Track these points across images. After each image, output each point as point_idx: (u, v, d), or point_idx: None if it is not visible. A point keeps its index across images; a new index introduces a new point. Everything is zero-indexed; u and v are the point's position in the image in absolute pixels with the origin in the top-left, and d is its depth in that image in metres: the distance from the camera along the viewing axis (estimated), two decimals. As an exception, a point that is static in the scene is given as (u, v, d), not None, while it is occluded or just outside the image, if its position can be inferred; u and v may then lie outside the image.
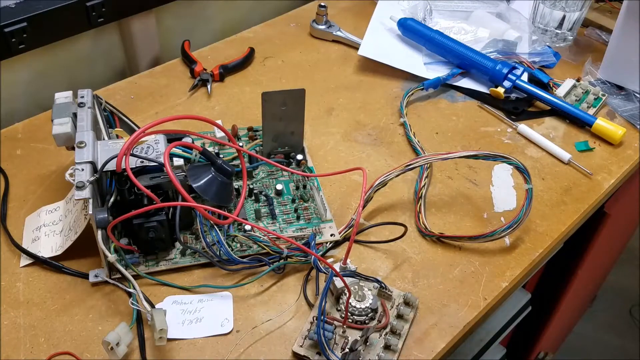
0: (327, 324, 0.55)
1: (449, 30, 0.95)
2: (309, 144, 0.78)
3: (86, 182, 0.55)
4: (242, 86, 0.89)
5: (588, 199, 0.74)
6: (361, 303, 0.57)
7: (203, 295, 0.60)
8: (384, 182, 0.67)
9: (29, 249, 0.63)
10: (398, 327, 0.56)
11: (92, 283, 0.61)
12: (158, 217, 0.59)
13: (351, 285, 0.57)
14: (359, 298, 0.58)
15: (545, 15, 0.96)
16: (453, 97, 0.89)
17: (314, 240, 0.63)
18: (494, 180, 0.75)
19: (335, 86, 0.90)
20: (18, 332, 0.57)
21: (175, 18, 0.97)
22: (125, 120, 0.75)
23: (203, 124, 0.77)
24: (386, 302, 0.59)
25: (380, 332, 0.56)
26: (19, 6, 0.77)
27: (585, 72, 0.92)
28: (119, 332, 0.53)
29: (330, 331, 0.55)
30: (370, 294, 0.58)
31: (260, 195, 0.69)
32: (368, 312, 0.57)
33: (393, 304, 0.59)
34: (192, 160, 0.64)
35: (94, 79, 0.91)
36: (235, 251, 0.63)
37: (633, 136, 0.83)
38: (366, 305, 0.57)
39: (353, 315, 0.57)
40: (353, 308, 0.57)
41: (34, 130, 0.79)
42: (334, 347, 0.55)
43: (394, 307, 0.59)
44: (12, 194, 0.70)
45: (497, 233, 0.65)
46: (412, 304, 0.59)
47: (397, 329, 0.56)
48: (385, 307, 0.58)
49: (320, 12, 0.98)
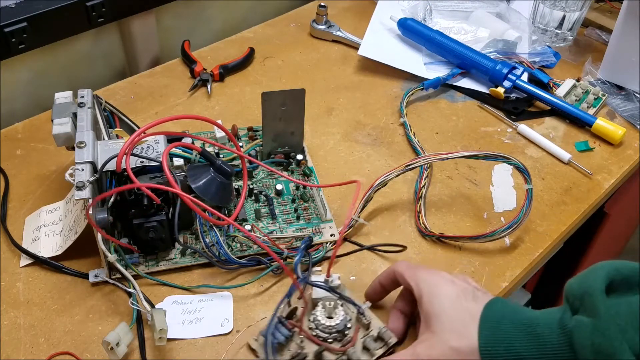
0: (285, 328, 0.54)
1: (449, 30, 0.95)
2: (309, 144, 0.78)
3: (86, 182, 0.55)
4: (242, 86, 0.89)
5: (588, 199, 0.74)
6: (327, 320, 0.54)
7: (203, 295, 0.60)
8: (384, 182, 0.67)
9: (29, 249, 0.63)
10: (355, 356, 0.53)
11: (92, 283, 0.61)
12: (158, 217, 0.59)
13: (328, 300, 0.55)
14: (328, 314, 0.55)
15: (545, 15, 0.96)
16: (453, 97, 0.89)
17: (307, 243, 0.62)
18: (494, 180, 0.75)
19: (335, 86, 0.90)
20: (18, 332, 0.57)
21: (175, 18, 0.97)
22: (125, 120, 0.75)
23: (203, 124, 0.77)
24: (362, 330, 0.56)
25: (339, 356, 0.53)
26: (19, 6, 0.77)
27: (585, 72, 0.92)
28: (119, 332, 0.53)
29: (284, 335, 0.53)
30: (342, 314, 0.54)
31: (260, 195, 0.69)
32: (332, 331, 0.54)
33: (368, 334, 0.55)
34: (192, 160, 0.64)
35: (94, 79, 0.91)
36: (235, 251, 0.63)
37: (633, 136, 0.83)
38: (330, 323, 0.54)
39: (317, 329, 0.54)
40: (317, 322, 0.54)
41: (34, 130, 0.79)
42: (284, 352, 0.54)
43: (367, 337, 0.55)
44: (12, 194, 0.70)
45: (497, 233, 0.65)
46: (385, 341, 0.54)
47: (354, 358, 0.53)
48: (355, 334, 0.55)
49: (320, 12, 0.98)
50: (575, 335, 0.42)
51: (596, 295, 0.42)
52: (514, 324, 0.46)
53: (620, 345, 0.39)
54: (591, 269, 0.45)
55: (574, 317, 0.43)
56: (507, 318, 0.47)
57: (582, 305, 0.43)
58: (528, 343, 0.44)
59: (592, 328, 0.41)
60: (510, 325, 0.46)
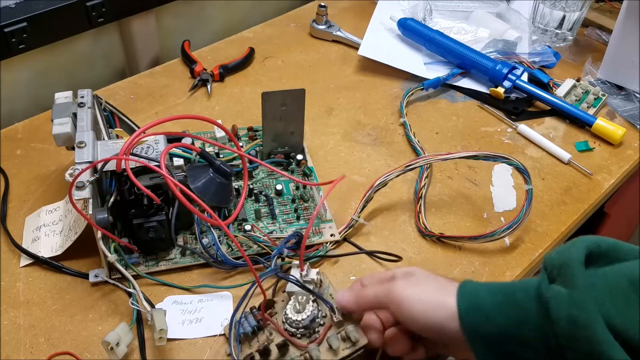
0: (253, 319, 0.54)
1: (449, 30, 0.95)
2: (309, 144, 0.78)
3: (86, 182, 0.55)
4: (242, 86, 0.89)
5: (588, 199, 0.74)
6: (295, 314, 0.53)
7: (203, 295, 0.60)
8: (383, 182, 0.67)
9: (29, 249, 0.63)
10: (314, 354, 0.51)
11: (92, 283, 0.61)
12: (158, 217, 0.59)
13: (301, 295, 0.54)
14: (297, 309, 0.53)
15: (545, 15, 0.96)
16: (453, 97, 0.89)
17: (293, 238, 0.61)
18: (494, 180, 0.75)
19: (335, 86, 0.90)
20: (18, 332, 0.57)
21: (175, 18, 0.97)
22: (125, 120, 0.75)
23: (203, 124, 0.77)
24: (335, 328, 0.53)
25: (302, 352, 0.52)
26: (19, 6, 0.77)
27: (585, 72, 0.92)
28: (119, 332, 0.53)
29: (251, 326, 0.53)
30: (310, 310, 0.53)
31: (260, 195, 0.69)
32: (299, 326, 0.53)
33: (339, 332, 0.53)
34: (192, 160, 0.64)
35: (94, 79, 0.91)
36: (235, 251, 0.63)
37: (633, 136, 0.83)
38: (297, 318, 0.52)
39: (286, 323, 0.54)
40: (286, 316, 0.53)
41: (34, 130, 0.79)
42: (252, 342, 0.54)
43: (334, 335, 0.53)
44: (12, 194, 0.70)
45: (497, 233, 0.65)
46: (353, 341, 0.52)
47: (313, 355, 0.51)
48: (324, 332, 0.53)
49: (320, 12, 0.98)
50: (552, 305, 0.42)
51: (574, 266, 0.42)
52: (491, 292, 0.46)
53: (595, 317, 0.40)
54: (572, 241, 0.45)
55: (552, 286, 0.43)
56: (484, 288, 0.47)
57: (560, 276, 0.43)
58: (507, 311, 0.45)
59: (568, 299, 0.41)
60: (489, 294, 0.46)
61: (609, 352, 0.39)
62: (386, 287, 0.50)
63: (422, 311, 0.47)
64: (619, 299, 0.40)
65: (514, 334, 0.44)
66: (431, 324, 0.47)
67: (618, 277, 0.41)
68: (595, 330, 0.39)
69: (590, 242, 0.44)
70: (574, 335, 0.40)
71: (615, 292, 0.41)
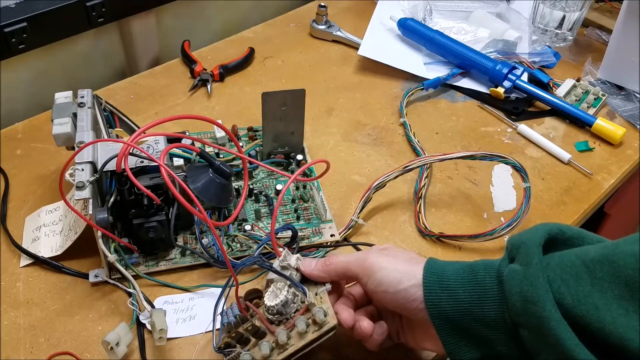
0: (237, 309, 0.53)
1: (449, 30, 0.95)
2: (309, 144, 0.78)
3: (86, 182, 0.55)
4: (242, 86, 0.89)
5: (588, 199, 0.74)
6: (269, 300, 0.52)
7: (193, 293, 0.61)
8: (382, 183, 0.67)
9: (29, 249, 0.63)
10: (280, 338, 0.50)
11: (92, 283, 0.61)
12: (158, 217, 0.59)
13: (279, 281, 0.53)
14: (272, 296, 0.52)
15: (545, 15, 0.96)
16: (453, 97, 0.89)
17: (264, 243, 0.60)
18: (494, 180, 0.75)
19: (335, 86, 0.90)
20: (18, 332, 0.57)
21: (175, 18, 0.97)
22: (125, 120, 0.75)
23: (203, 124, 0.77)
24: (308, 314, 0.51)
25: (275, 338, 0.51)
26: (19, 6, 0.77)
27: (585, 72, 0.92)
28: (119, 332, 0.53)
29: (233, 315, 0.53)
30: (283, 296, 0.51)
31: (260, 195, 0.69)
32: (273, 312, 0.51)
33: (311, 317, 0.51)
34: (193, 160, 0.64)
35: (94, 79, 0.91)
36: (235, 251, 0.63)
37: (633, 136, 0.83)
38: (270, 304, 0.51)
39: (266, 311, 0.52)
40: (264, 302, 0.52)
41: (34, 130, 0.79)
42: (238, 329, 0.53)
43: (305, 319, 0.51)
44: (12, 194, 0.70)
45: (496, 232, 0.65)
46: (320, 325, 0.50)
47: (282, 340, 0.50)
48: (295, 317, 0.51)
49: (320, 12, 0.98)
50: (506, 281, 0.44)
51: (532, 246, 0.43)
52: (456, 269, 0.48)
53: (545, 294, 0.41)
54: (535, 225, 0.46)
55: (509, 265, 0.45)
56: (451, 265, 0.49)
57: (518, 255, 0.44)
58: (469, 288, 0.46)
59: (522, 276, 0.42)
60: (453, 271, 0.47)
61: (556, 329, 0.40)
62: (359, 255, 0.52)
63: (393, 279, 0.49)
64: (570, 278, 0.41)
65: (474, 311, 0.45)
66: (399, 295, 0.48)
67: (572, 258, 0.42)
68: (544, 306, 0.40)
69: (554, 227, 0.45)
70: (524, 310, 0.42)
71: (568, 271, 0.41)
